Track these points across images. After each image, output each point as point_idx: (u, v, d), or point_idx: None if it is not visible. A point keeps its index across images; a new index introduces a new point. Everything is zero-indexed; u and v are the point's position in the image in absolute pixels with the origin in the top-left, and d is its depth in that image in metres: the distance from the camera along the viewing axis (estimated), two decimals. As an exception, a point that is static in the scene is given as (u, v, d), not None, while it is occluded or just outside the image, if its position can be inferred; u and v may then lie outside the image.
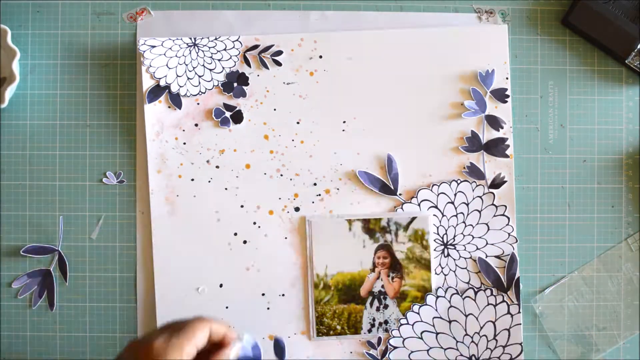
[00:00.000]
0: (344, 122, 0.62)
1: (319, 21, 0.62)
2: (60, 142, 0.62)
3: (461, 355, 0.61)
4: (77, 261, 0.63)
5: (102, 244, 0.62)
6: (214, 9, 0.63)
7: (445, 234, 0.62)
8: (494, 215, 0.62)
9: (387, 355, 0.61)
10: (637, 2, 0.61)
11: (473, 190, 0.62)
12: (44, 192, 0.62)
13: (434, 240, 0.61)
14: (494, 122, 0.62)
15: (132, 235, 0.62)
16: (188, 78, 0.61)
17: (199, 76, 0.61)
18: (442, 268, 0.62)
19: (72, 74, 0.63)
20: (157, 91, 0.61)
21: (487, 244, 0.62)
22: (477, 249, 0.62)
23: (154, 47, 0.60)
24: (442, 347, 0.61)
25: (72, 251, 0.62)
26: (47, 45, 0.63)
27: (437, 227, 0.62)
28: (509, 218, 0.61)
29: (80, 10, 0.63)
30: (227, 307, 0.61)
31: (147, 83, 0.61)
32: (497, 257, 0.62)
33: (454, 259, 0.62)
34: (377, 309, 0.61)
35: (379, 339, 0.61)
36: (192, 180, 0.61)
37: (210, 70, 0.61)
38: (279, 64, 0.61)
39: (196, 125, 0.61)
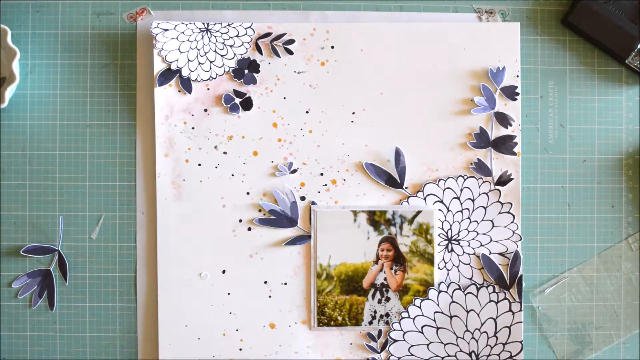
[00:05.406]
0: (353, 113, 0.62)
1: (318, 21, 0.63)
2: (60, 142, 0.62)
3: (461, 351, 0.61)
4: (77, 261, 0.62)
5: (102, 244, 0.62)
6: (214, 9, 0.63)
7: (450, 229, 0.62)
8: (499, 213, 0.62)
9: (387, 348, 0.61)
10: (637, 2, 0.61)
11: (479, 187, 0.62)
12: (44, 192, 0.62)
13: (439, 235, 0.62)
14: (503, 120, 0.62)
15: (132, 235, 0.62)
16: (199, 63, 0.61)
17: (210, 61, 0.61)
18: (446, 263, 0.62)
19: (72, 74, 0.63)
20: (168, 75, 0.61)
21: (491, 240, 0.62)
22: (481, 245, 0.62)
23: (166, 30, 0.60)
24: (442, 342, 0.61)
25: (72, 251, 0.62)
26: (47, 45, 0.63)
27: (442, 222, 0.62)
28: (514, 216, 0.62)
29: (80, 10, 0.63)
30: (228, 294, 0.61)
31: (158, 66, 0.61)
32: (501, 254, 0.62)
33: (458, 255, 0.62)
34: (379, 302, 0.61)
35: (380, 331, 0.61)
36: (199, 165, 0.61)
37: (222, 56, 0.61)
38: (290, 52, 0.61)
39: (205, 110, 0.61)
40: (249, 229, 0.61)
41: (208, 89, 0.61)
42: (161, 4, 0.63)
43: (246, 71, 0.61)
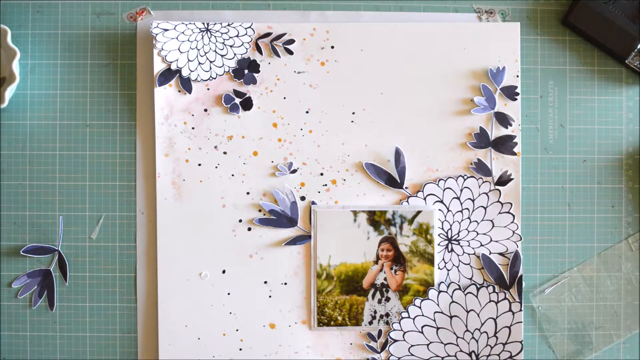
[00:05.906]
0: (353, 113, 0.62)
1: (318, 21, 0.63)
2: (60, 142, 0.62)
3: (461, 351, 0.61)
4: (77, 261, 0.62)
5: (102, 244, 0.62)
6: (214, 9, 0.63)
7: (450, 229, 0.62)
8: (499, 213, 0.62)
9: (387, 348, 0.61)
10: (637, 2, 0.61)
11: (479, 187, 0.62)
12: (44, 192, 0.62)
13: (439, 235, 0.62)
14: (503, 120, 0.62)
15: (132, 235, 0.62)
16: (199, 63, 0.61)
17: (210, 61, 0.61)
18: (446, 263, 0.62)
19: (72, 74, 0.63)
20: (168, 75, 0.61)
21: (491, 240, 0.62)
22: (481, 245, 0.62)
23: (166, 30, 0.60)
24: (442, 342, 0.61)
25: (72, 251, 0.62)
26: (47, 45, 0.63)
27: (442, 222, 0.62)
28: (514, 216, 0.62)
29: (80, 10, 0.63)
30: (228, 294, 0.61)
31: (158, 66, 0.61)
32: (501, 254, 0.62)
33: (458, 255, 0.62)
34: (379, 302, 0.61)
35: (380, 331, 0.61)
36: (199, 165, 0.61)
37: (222, 56, 0.61)
38: (290, 52, 0.61)
39: (205, 110, 0.61)
40: (249, 229, 0.61)
41: (208, 89, 0.61)
42: (161, 4, 0.63)
43: (246, 71, 0.61)
